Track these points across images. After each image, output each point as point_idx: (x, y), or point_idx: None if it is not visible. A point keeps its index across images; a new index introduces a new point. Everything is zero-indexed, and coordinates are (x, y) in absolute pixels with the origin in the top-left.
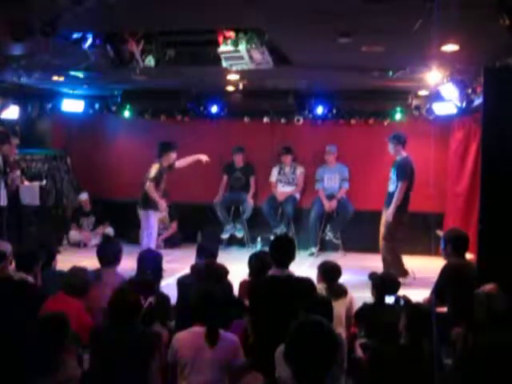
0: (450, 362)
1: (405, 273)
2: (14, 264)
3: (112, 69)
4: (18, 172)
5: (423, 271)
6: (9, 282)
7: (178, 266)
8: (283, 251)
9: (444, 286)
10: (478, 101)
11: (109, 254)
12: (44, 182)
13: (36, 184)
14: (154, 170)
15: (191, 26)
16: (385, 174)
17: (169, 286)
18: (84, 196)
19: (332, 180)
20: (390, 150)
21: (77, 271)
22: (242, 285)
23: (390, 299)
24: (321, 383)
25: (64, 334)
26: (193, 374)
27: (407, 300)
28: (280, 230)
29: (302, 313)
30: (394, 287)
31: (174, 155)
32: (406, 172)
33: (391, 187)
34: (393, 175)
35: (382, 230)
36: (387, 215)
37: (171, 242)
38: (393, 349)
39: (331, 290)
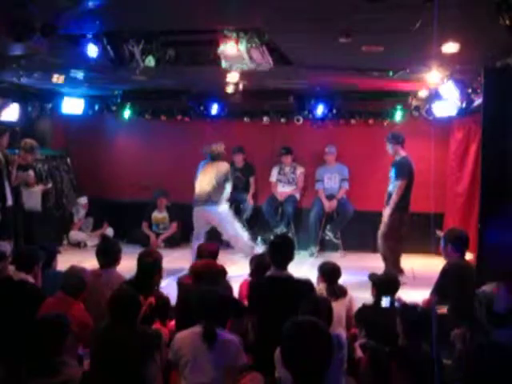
0: (449, 362)
1: (400, 271)
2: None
3: (112, 69)
4: (31, 172)
5: (423, 271)
6: (9, 282)
7: (177, 266)
8: (282, 252)
9: (444, 286)
10: (478, 101)
11: (108, 255)
12: (49, 185)
13: (39, 189)
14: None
15: (191, 26)
16: (385, 174)
17: (169, 286)
18: (83, 200)
19: (332, 180)
20: (388, 150)
21: (75, 271)
22: (243, 285)
23: (385, 302)
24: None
25: (64, 334)
26: (193, 373)
27: (403, 303)
28: (280, 230)
29: (300, 314)
30: (393, 287)
31: None
32: (403, 171)
33: (390, 187)
34: (392, 175)
35: (381, 229)
36: (384, 216)
37: (171, 242)
38: (392, 349)
39: (331, 290)
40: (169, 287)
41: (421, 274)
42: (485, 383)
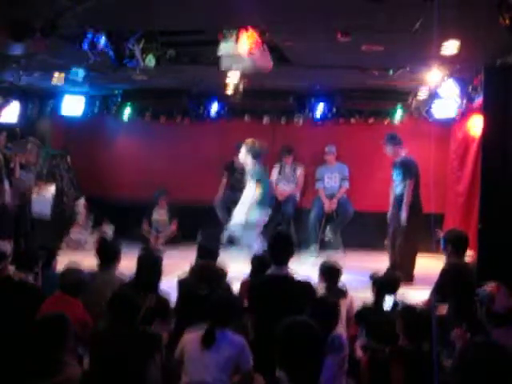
0: (450, 362)
1: (410, 278)
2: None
3: (112, 69)
4: (32, 175)
5: (423, 271)
6: (9, 282)
7: (178, 265)
8: (280, 247)
9: (444, 286)
10: (478, 100)
11: (108, 254)
12: (53, 188)
13: (49, 196)
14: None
15: (191, 26)
16: (385, 174)
17: (169, 286)
18: (81, 201)
19: (332, 179)
20: (388, 151)
21: (72, 269)
22: (243, 284)
23: (389, 301)
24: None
25: (64, 333)
26: (195, 371)
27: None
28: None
29: (305, 315)
30: (394, 287)
31: None
32: (411, 171)
33: (398, 189)
34: (397, 177)
35: (402, 236)
36: (402, 220)
37: (171, 242)
38: (392, 349)
39: (331, 290)
40: (169, 287)
41: (421, 273)
42: (483, 383)
